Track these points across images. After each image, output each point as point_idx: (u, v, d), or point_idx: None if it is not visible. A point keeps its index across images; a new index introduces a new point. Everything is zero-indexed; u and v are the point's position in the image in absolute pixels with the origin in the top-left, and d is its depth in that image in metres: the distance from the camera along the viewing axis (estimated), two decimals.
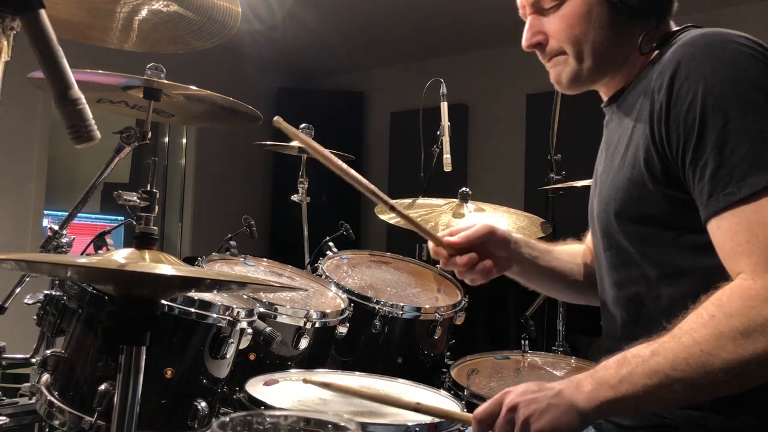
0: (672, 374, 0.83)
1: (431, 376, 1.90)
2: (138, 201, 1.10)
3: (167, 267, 0.86)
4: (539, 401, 0.89)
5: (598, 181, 1.16)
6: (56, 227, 1.57)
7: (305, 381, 1.17)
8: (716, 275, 0.89)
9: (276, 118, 1.07)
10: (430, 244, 1.23)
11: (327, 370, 1.66)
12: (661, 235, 0.98)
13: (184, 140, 5.74)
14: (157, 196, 1.13)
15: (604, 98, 1.17)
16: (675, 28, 1.07)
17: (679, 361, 0.83)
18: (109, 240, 1.60)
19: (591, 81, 1.13)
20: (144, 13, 1.19)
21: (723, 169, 0.87)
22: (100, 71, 1.44)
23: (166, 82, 1.51)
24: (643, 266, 1.01)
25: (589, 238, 1.34)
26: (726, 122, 0.88)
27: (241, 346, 1.42)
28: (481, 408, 0.95)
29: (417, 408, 1.07)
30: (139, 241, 0.97)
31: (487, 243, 1.22)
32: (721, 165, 0.87)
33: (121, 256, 0.94)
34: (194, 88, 1.55)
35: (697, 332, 0.84)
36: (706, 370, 0.82)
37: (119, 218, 3.15)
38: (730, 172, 0.87)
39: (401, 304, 1.86)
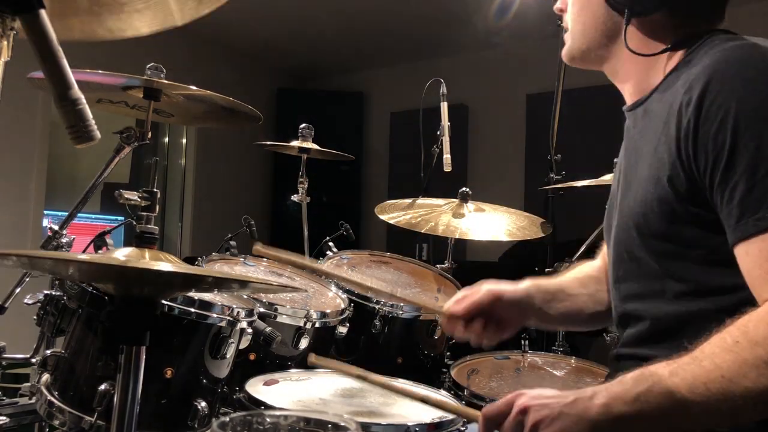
0: (689, 397, 0.81)
1: (431, 376, 1.90)
2: (139, 200, 1.10)
3: (167, 264, 0.86)
4: (551, 407, 0.87)
5: (618, 192, 1.13)
6: (56, 227, 1.57)
7: (311, 362, 1.18)
8: (742, 294, 0.86)
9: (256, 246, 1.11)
10: (441, 321, 1.27)
11: (327, 370, 1.66)
12: (686, 251, 0.95)
13: (184, 140, 5.75)
14: (158, 196, 1.13)
15: (628, 102, 1.14)
16: (690, 31, 1.03)
17: (698, 384, 0.81)
18: (109, 240, 1.60)
19: (584, 61, 1.15)
20: None
21: (754, 193, 0.84)
22: (100, 71, 1.44)
23: (166, 82, 1.51)
24: (666, 281, 0.98)
25: (604, 250, 1.31)
26: (759, 144, 0.84)
27: (241, 346, 1.42)
28: (492, 406, 0.93)
29: (425, 399, 1.07)
30: (140, 239, 0.97)
31: (495, 307, 1.22)
32: (752, 189, 0.84)
33: (121, 254, 0.94)
34: (194, 88, 1.55)
35: (719, 357, 0.81)
36: (726, 397, 0.80)
37: (119, 218, 3.15)
38: (761, 197, 0.84)
39: (401, 304, 1.86)
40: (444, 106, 2.49)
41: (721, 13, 1.07)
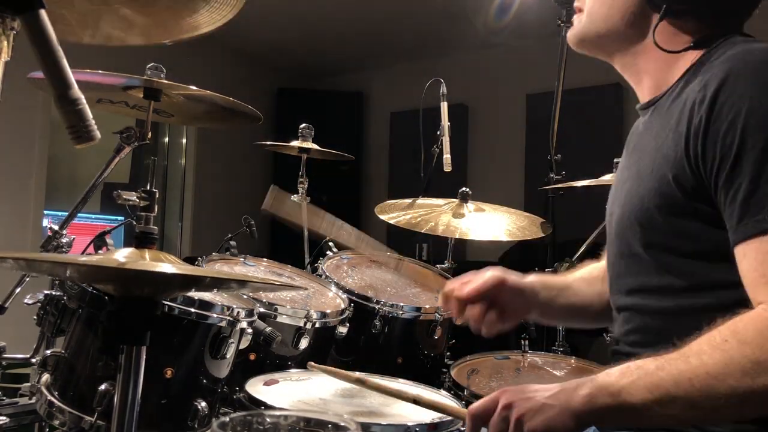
0: (673, 392, 0.82)
1: (431, 376, 1.90)
2: (138, 200, 1.10)
3: (167, 265, 0.86)
4: (535, 400, 0.89)
5: (620, 186, 1.12)
6: (56, 227, 1.57)
7: (310, 366, 1.17)
8: (743, 290, 0.87)
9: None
10: (440, 297, 1.23)
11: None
12: (688, 247, 0.96)
13: (184, 140, 5.75)
14: (157, 196, 1.12)
15: (642, 99, 1.14)
16: (709, 33, 1.04)
17: (684, 380, 0.82)
18: (109, 240, 1.60)
19: (596, 46, 1.13)
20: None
21: (757, 194, 0.85)
22: (100, 71, 1.44)
23: (166, 82, 1.51)
24: (666, 276, 0.99)
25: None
26: (766, 147, 0.85)
27: (241, 346, 1.42)
28: (477, 404, 0.94)
29: (416, 400, 1.07)
30: (139, 240, 0.97)
31: (499, 293, 1.20)
32: (755, 190, 0.85)
33: (121, 255, 0.94)
34: (194, 88, 1.55)
35: (706, 354, 0.82)
36: (709, 394, 0.81)
37: (119, 218, 3.14)
38: (763, 199, 0.84)
39: (401, 304, 1.86)
40: (444, 106, 2.49)
41: (743, 20, 1.08)
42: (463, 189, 2.29)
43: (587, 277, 1.32)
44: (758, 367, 0.79)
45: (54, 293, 1.39)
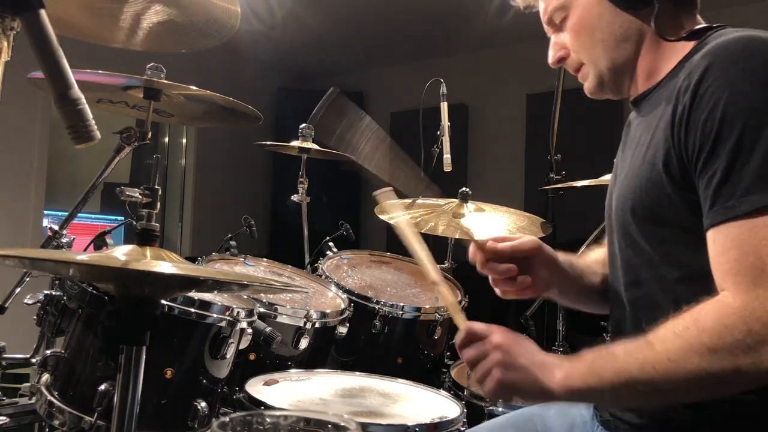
0: (638, 376, 0.86)
1: (431, 376, 1.90)
2: (140, 197, 1.10)
3: (168, 265, 0.86)
4: (519, 358, 0.93)
5: (617, 179, 1.14)
6: (56, 227, 1.57)
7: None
8: None
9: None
10: (472, 246, 1.20)
11: (328, 369, 1.66)
12: (681, 236, 0.97)
13: (184, 140, 5.74)
14: (159, 193, 1.12)
15: (632, 96, 1.15)
16: (703, 24, 1.05)
17: (647, 365, 0.86)
18: (109, 240, 1.60)
19: (616, 82, 1.12)
20: (146, 14, 1.19)
21: (729, 181, 0.86)
22: (100, 71, 1.44)
23: (166, 82, 1.51)
24: (661, 267, 1.00)
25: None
26: (742, 134, 0.86)
27: (241, 346, 1.42)
28: (477, 326, 0.97)
29: (436, 283, 1.08)
30: (141, 237, 0.97)
31: (532, 259, 1.19)
32: (729, 177, 0.86)
33: (122, 252, 0.94)
34: (194, 88, 1.55)
35: (669, 341, 0.86)
36: (669, 378, 0.84)
37: (119, 218, 3.14)
38: (734, 185, 0.85)
39: (401, 304, 1.86)
40: (444, 106, 2.49)
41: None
42: (463, 189, 2.29)
43: (602, 260, 1.31)
44: (715, 353, 0.82)
45: (54, 293, 1.39)
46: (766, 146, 0.84)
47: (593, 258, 1.34)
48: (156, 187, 1.07)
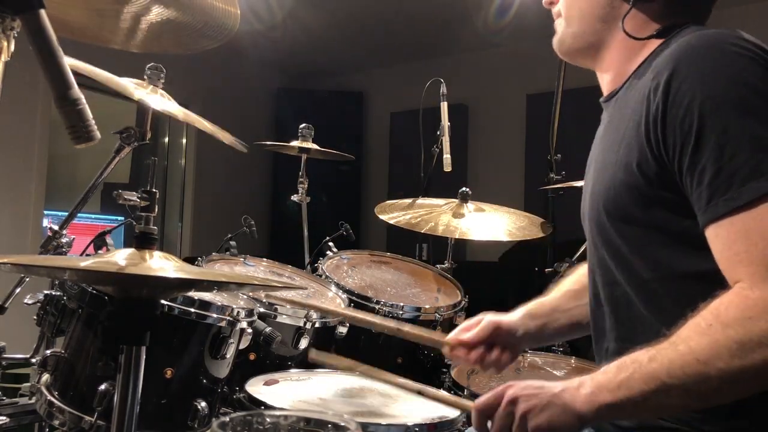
0: (668, 381, 0.83)
1: (431, 376, 1.90)
2: (138, 201, 1.10)
3: (166, 266, 0.86)
4: (540, 397, 0.90)
5: (590, 179, 1.14)
6: (56, 227, 1.57)
7: (311, 359, 1.19)
8: (712, 279, 0.87)
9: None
10: (445, 349, 1.27)
11: (328, 369, 1.66)
12: (655, 236, 0.97)
13: (184, 140, 5.74)
14: (157, 196, 1.12)
15: (604, 93, 1.16)
16: (676, 24, 1.05)
17: (675, 368, 0.83)
18: (109, 240, 1.60)
19: (576, 51, 1.15)
20: (146, 15, 1.19)
21: (722, 174, 0.85)
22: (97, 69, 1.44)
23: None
24: (636, 267, 1.00)
25: None
26: (725, 127, 0.86)
27: (241, 346, 1.42)
28: (483, 398, 0.95)
29: (420, 392, 1.08)
30: (139, 241, 0.97)
31: (496, 336, 1.25)
32: (720, 170, 0.86)
33: (121, 256, 0.94)
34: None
35: (693, 341, 0.83)
36: (701, 379, 0.82)
37: (119, 218, 3.14)
38: (729, 178, 0.85)
39: (401, 304, 1.86)
40: (444, 106, 2.49)
41: (707, 12, 1.09)
42: (463, 189, 2.29)
43: (575, 289, 1.33)
44: (744, 347, 0.80)
45: (54, 293, 1.39)
46: (750, 136, 0.85)
47: (566, 290, 1.34)
48: (154, 190, 1.07)
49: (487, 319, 1.26)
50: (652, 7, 1.06)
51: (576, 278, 1.34)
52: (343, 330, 1.73)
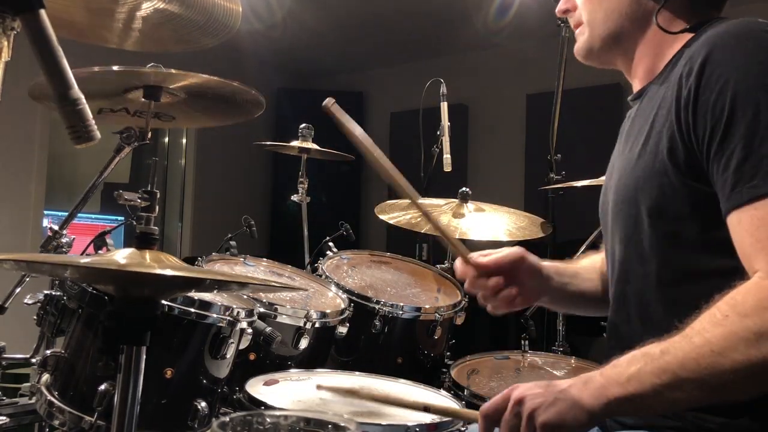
0: (681, 374, 0.81)
1: (431, 376, 1.90)
2: (138, 201, 1.10)
3: (166, 267, 0.86)
4: (546, 395, 0.88)
5: (614, 173, 1.13)
6: (56, 227, 1.57)
7: (318, 387, 1.18)
8: (732, 278, 0.85)
9: (327, 100, 1.06)
10: (458, 262, 1.20)
11: (328, 369, 1.66)
12: (680, 231, 0.95)
13: (184, 140, 5.75)
14: (158, 196, 1.13)
15: (634, 91, 1.15)
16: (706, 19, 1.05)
17: (689, 360, 0.81)
18: (109, 240, 1.60)
19: (605, 53, 1.14)
20: (144, 12, 1.19)
21: (750, 160, 0.84)
22: (95, 68, 1.43)
23: (165, 71, 1.45)
24: (656, 264, 0.99)
25: None
26: (757, 113, 0.84)
27: (241, 346, 1.42)
28: (489, 403, 0.94)
29: (426, 408, 1.07)
30: (140, 241, 0.97)
31: (518, 270, 1.19)
32: (748, 156, 0.84)
33: (121, 256, 0.94)
34: (194, 74, 1.49)
35: (708, 332, 0.81)
36: (716, 371, 0.80)
37: (119, 218, 3.14)
38: (756, 165, 0.83)
39: (401, 304, 1.86)
40: (444, 106, 2.49)
41: (723, 5, 1.10)
42: (463, 189, 2.29)
43: (593, 265, 1.32)
44: (762, 337, 0.78)
45: (54, 293, 1.39)
46: None
47: (585, 264, 1.33)
48: (154, 190, 1.07)
49: (513, 248, 1.21)
50: (680, 1, 1.06)
51: (591, 258, 1.34)
52: (343, 330, 1.73)
